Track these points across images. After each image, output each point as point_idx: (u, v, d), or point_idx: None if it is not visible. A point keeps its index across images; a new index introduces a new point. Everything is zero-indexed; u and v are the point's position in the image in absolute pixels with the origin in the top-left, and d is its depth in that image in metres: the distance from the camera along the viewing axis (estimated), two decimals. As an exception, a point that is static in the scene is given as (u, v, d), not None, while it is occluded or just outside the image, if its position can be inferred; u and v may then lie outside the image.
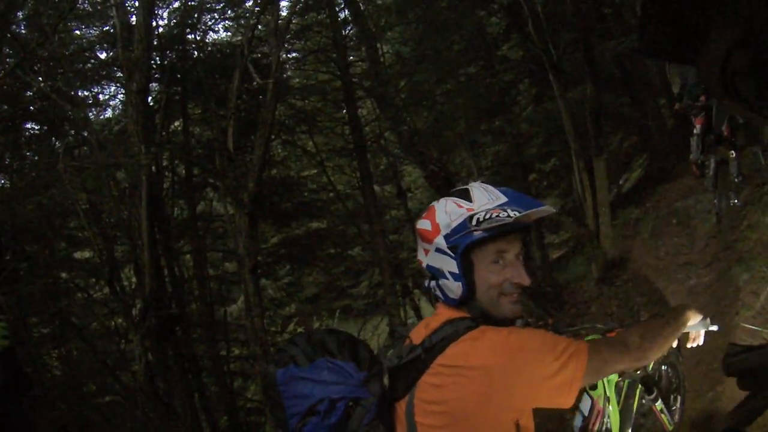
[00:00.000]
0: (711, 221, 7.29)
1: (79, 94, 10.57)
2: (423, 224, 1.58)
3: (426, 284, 1.62)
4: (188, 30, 10.88)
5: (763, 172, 6.69)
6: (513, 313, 1.54)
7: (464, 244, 1.49)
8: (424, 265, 1.58)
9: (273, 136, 10.43)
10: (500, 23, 14.62)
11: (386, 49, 14.09)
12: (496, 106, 14.58)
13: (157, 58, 10.03)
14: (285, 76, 11.55)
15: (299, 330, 13.72)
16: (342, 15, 12.75)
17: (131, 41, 8.95)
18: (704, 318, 1.97)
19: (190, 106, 11.03)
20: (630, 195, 12.36)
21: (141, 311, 8.28)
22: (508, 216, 1.45)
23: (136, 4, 9.74)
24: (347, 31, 12.71)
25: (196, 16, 10.95)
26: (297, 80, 13.24)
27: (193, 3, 10.90)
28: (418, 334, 1.54)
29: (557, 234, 15.28)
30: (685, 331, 1.86)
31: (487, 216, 1.46)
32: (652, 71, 13.13)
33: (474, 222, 1.47)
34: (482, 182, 1.62)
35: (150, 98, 9.52)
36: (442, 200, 1.59)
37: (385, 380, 1.55)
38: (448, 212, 1.54)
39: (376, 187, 13.50)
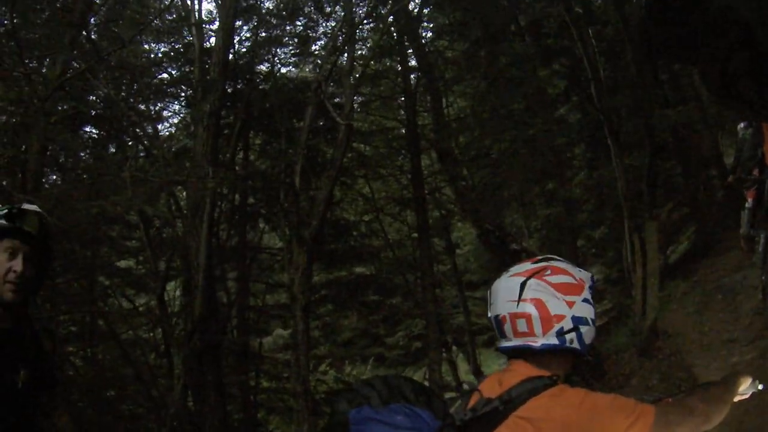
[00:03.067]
0: (757, 298, 7.17)
1: (143, 107, 11.06)
2: (562, 279, 1.68)
3: (548, 341, 1.65)
4: (257, 60, 11.37)
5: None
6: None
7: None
8: (568, 317, 1.65)
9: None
10: (560, 84, 14.81)
11: (450, 102, 14.42)
12: (550, 168, 14.65)
13: (228, 84, 10.43)
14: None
15: (331, 372, 13.79)
16: (411, 63, 13.19)
17: (205, 63, 9.37)
18: (753, 380, 2.02)
19: (251, 135, 11.40)
20: (676, 267, 12.18)
21: (188, 332, 8.46)
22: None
23: (215, 26, 10.29)
24: (415, 81, 13.10)
25: (267, 48, 11.43)
26: (362, 124, 13.61)
27: (264, 35, 11.39)
28: (491, 389, 1.63)
29: (600, 303, 15.08)
30: (739, 394, 1.92)
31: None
32: (705, 141, 13.09)
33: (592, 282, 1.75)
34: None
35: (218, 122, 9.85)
36: (556, 261, 1.75)
37: None
38: (577, 270, 1.75)
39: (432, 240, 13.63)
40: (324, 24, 11.94)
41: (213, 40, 10.69)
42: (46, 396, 2.46)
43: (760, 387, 2.17)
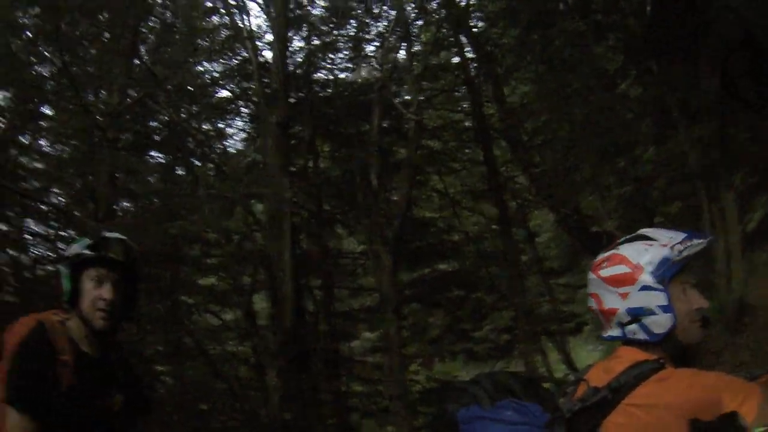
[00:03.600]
0: None
1: (206, 127, 11.41)
2: (614, 270, 1.64)
3: (612, 333, 1.64)
4: (314, 68, 11.53)
5: None
6: (700, 337, 1.64)
7: (670, 275, 1.59)
8: (621, 310, 1.62)
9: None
10: (616, 59, 14.37)
11: (513, 89, 14.23)
12: (618, 146, 14.23)
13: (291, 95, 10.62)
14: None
15: (421, 371, 13.80)
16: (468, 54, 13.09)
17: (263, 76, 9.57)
18: None
19: (318, 142, 11.57)
20: (755, 236, 11.62)
21: (281, 344, 8.65)
22: (701, 243, 1.60)
23: (266, 39, 10.46)
24: (474, 71, 13.01)
25: (322, 55, 11.59)
26: (428, 120, 13.61)
27: (316, 42, 11.55)
28: (598, 378, 1.60)
29: None
30: None
31: (683, 247, 1.59)
32: None
33: (676, 253, 1.59)
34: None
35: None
36: (623, 246, 1.67)
37: None
38: (642, 251, 1.63)
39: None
40: (375, 25, 12.03)
41: (267, 53, 10.95)
42: (141, 420, 2.52)
43: None
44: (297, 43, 11.46)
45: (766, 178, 12.38)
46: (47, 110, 11.08)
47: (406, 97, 11.29)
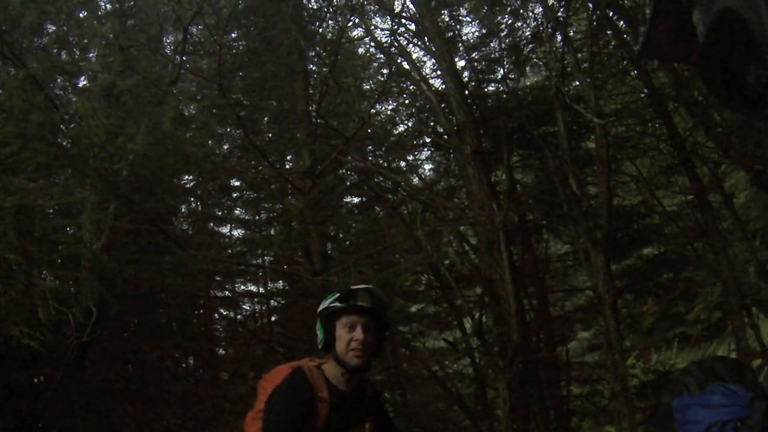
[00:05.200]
0: None
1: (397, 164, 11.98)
2: None
3: None
4: (487, 85, 11.80)
5: None
6: None
7: None
8: None
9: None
10: None
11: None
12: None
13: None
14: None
15: (638, 364, 13.56)
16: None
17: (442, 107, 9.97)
18: None
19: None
20: None
21: (509, 358, 8.96)
22: None
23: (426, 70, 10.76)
24: (633, 45, 12.65)
25: (490, 70, 11.82)
26: (606, 107, 13.47)
27: (478, 58, 11.79)
28: None
29: None
30: None
31: None
32: None
33: None
34: None
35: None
36: None
37: None
38: None
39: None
40: (528, 27, 12.09)
41: (434, 82, 11.36)
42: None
43: None
44: (460, 63, 11.84)
45: None
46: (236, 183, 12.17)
47: (578, 86, 11.21)
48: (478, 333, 9.14)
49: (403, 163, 12.21)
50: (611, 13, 12.14)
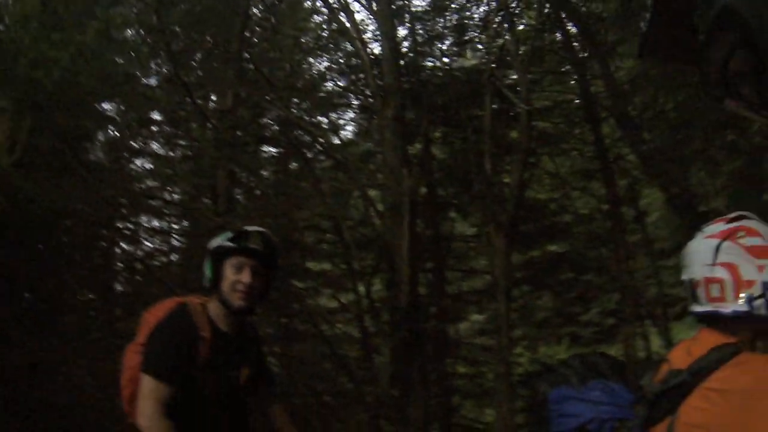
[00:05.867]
0: None
1: (318, 119, 12.00)
2: (755, 241, 1.66)
3: (739, 308, 1.66)
4: (423, 58, 11.88)
5: None
6: None
7: None
8: (758, 282, 1.63)
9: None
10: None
11: (618, 65, 14.09)
12: (726, 117, 13.83)
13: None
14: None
15: (526, 354, 14.07)
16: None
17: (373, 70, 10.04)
18: None
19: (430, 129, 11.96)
20: None
21: (395, 323, 9.19)
22: None
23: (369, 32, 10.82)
24: (581, 49, 12.97)
25: (430, 43, 11.90)
26: (537, 101, 13.75)
27: (421, 30, 11.88)
28: (680, 359, 1.65)
29: None
30: None
31: None
32: None
33: None
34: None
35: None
36: (746, 221, 1.72)
37: None
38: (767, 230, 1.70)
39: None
40: (478, 10, 12.22)
41: (374, 47, 11.44)
42: (264, 391, 2.91)
43: None
44: (401, 32, 11.90)
45: None
46: (157, 116, 12.01)
47: (513, 76, 11.44)
48: (368, 296, 9.32)
49: (326, 120, 12.25)
50: (562, 14, 12.42)
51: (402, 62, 10.99)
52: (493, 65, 10.06)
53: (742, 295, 1.63)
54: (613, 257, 12.53)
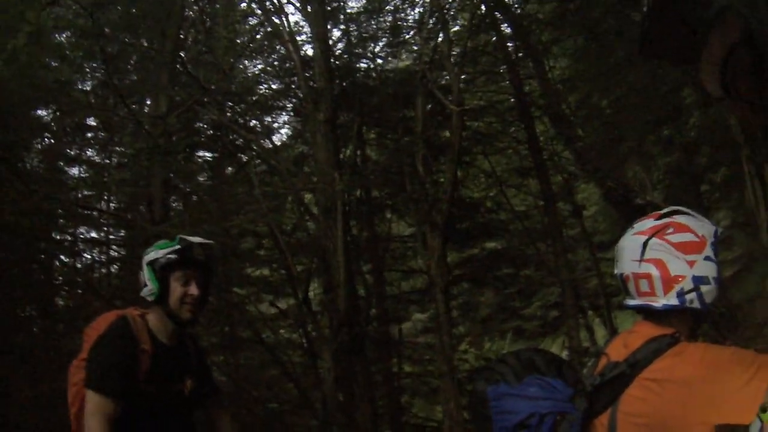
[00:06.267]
0: None
1: (252, 123, 11.97)
2: (683, 237, 1.71)
3: (670, 301, 1.71)
4: (356, 60, 11.97)
5: None
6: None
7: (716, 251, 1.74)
8: (688, 277, 1.69)
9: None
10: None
11: (552, 65, 14.40)
12: (662, 114, 14.30)
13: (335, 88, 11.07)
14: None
15: (471, 350, 14.31)
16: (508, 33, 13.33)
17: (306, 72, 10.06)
18: None
19: (364, 130, 12.04)
20: None
21: (335, 327, 9.24)
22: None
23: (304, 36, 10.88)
24: (514, 50, 13.22)
25: (362, 46, 11.98)
26: (471, 101, 13.93)
27: (355, 32, 11.96)
28: (617, 352, 1.69)
29: (730, 250, 14.60)
30: None
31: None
32: None
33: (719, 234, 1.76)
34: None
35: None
36: (678, 216, 1.77)
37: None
38: (700, 224, 1.75)
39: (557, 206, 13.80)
40: (413, 12, 12.35)
41: (308, 49, 11.48)
42: (210, 402, 2.92)
43: None
44: (336, 34, 11.98)
45: None
46: (92, 122, 11.81)
47: (446, 77, 11.58)
48: (305, 301, 9.35)
49: (259, 124, 12.20)
50: (497, 15, 12.66)
51: (335, 64, 11.05)
52: (426, 66, 10.17)
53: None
54: (551, 251, 12.82)
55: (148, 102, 11.42)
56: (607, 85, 13.70)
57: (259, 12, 11.60)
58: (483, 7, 12.10)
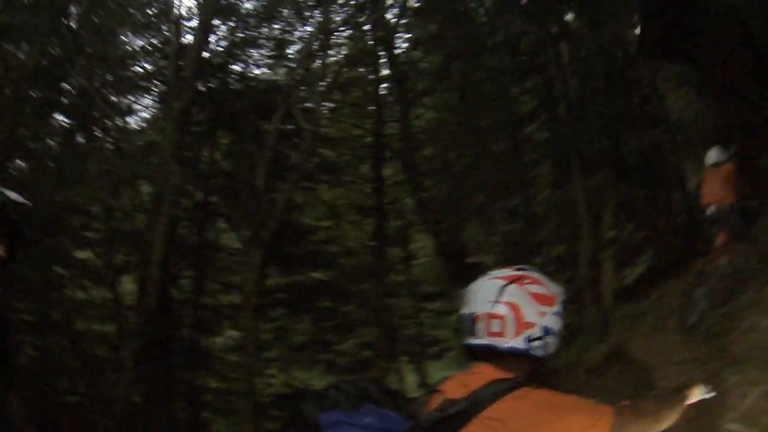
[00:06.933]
0: (709, 321, 7.62)
1: (115, 99, 11.29)
2: (540, 289, 1.81)
3: (517, 344, 1.76)
4: (232, 60, 11.67)
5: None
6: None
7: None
8: (538, 326, 1.77)
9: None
10: (531, 102, 15.39)
11: (419, 114, 14.89)
12: (515, 185, 15.22)
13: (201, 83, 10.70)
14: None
15: (279, 375, 14.06)
16: (384, 72, 13.60)
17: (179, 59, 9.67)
18: (702, 387, 2.20)
19: (219, 134, 11.70)
20: (632, 289, 12.80)
21: (140, 324, 8.75)
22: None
23: (193, 23, 10.54)
24: (386, 90, 13.55)
25: (242, 49, 11.71)
26: (330, 130, 13.99)
27: (241, 35, 11.69)
28: (455, 390, 1.71)
29: None
30: (689, 401, 2.12)
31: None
32: (670, 166, 13.77)
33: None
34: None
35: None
36: (535, 272, 1.87)
37: None
38: (551, 283, 1.85)
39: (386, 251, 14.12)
40: (301, 28, 12.23)
41: (190, 37, 11.01)
42: (4, 379, 2.75)
43: (709, 394, 2.29)
44: (222, 32, 11.54)
45: (653, 236, 13.63)
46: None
47: (312, 99, 11.54)
48: (116, 293, 8.81)
49: (121, 101, 11.49)
50: (380, 53, 12.92)
51: (210, 59, 10.68)
52: (294, 84, 10.09)
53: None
54: (374, 293, 13.03)
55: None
56: (466, 144, 14.40)
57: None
58: (369, 42, 12.31)
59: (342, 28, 11.27)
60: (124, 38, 11.63)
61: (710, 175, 7.37)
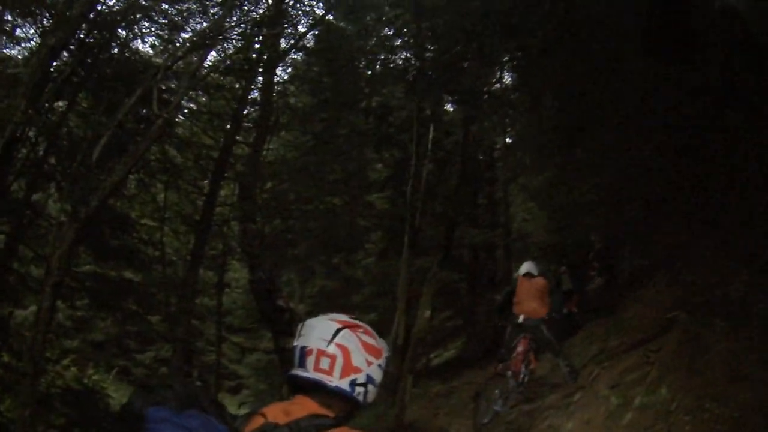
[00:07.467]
0: (505, 420, 7.91)
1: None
2: (370, 340, 2.00)
3: (341, 385, 1.93)
4: (120, 20, 10.98)
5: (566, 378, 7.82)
6: None
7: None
8: (363, 372, 1.95)
9: (135, 170, 10.70)
10: (384, 171, 16.22)
11: (273, 147, 15.03)
12: (343, 243, 15.71)
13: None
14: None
15: (72, 369, 12.87)
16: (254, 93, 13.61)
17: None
18: None
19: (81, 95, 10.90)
20: (438, 371, 13.52)
21: None
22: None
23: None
24: (249, 110, 13.51)
25: (135, 14, 11.10)
26: (183, 131, 13.63)
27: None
28: (276, 415, 1.82)
29: None
30: None
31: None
32: (499, 264, 15.08)
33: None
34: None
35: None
36: (365, 326, 2.04)
37: None
38: (380, 340, 2.04)
39: (201, 271, 13.73)
40: (198, 18, 11.80)
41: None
42: None
43: None
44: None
45: (466, 324, 14.61)
46: None
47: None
48: None
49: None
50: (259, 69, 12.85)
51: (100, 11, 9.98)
52: (166, 70, 9.70)
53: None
54: (182, 309, 12.44)
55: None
56: (307, 191, 14.72)
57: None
58: (252, 56, 12.16)
59: (234, 34, 11.11)
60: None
61: (522, 286, 8.12)
